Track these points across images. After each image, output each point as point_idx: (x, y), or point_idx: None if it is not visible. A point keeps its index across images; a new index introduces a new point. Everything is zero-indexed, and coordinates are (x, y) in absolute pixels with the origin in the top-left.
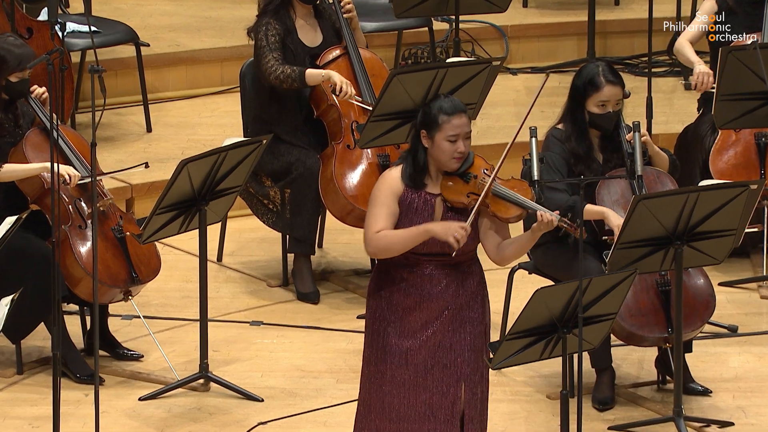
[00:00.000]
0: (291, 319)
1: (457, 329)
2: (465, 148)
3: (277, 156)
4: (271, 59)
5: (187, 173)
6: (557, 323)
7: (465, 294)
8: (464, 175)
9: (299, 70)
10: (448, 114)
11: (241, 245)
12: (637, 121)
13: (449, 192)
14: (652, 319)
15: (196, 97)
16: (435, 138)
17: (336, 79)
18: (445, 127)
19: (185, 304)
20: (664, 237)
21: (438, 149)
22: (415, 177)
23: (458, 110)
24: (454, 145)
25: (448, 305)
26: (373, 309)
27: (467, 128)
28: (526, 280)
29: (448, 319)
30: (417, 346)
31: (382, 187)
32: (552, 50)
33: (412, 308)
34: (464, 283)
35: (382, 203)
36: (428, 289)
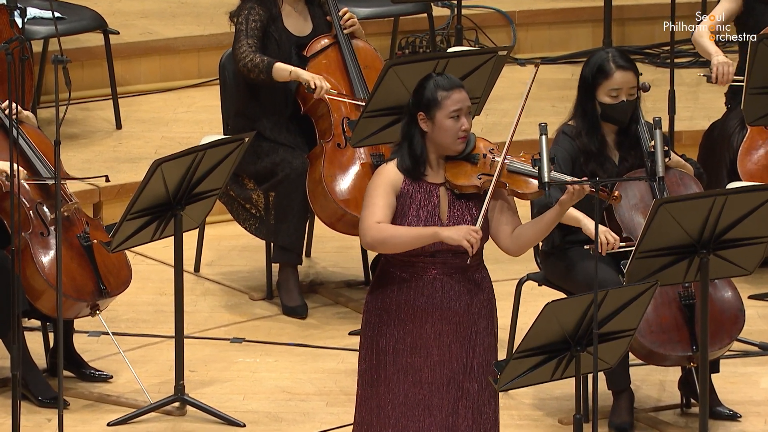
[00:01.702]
0: (276, 336)
1: (466, 344)
2: (469, 124)
3: (261, 156)
4: (244, 45)
5: (160, 175)
6: (570, 340)
7: (476, 304)
8: (470, 157)
9: (268, 62)
10: (446, 89)
11: (220, 254)
12: (659, 117)
13: (458, 177)
14: (675, 336)
15: (170, 90)
16: (436, 117)
17: (305, 76)
18: (445, 103)
19: (159, 319)
20: (688, 245)
21: (440, 130)
22: (414, 168)
23: (456, 84)
24: (458, 121)
25: (457, 316)
26: (371, 322)
27: (468, 102)
28: (535, 292)
29: (457, 333)
30: (421, 363)
31: (378, 180)
32: (564, 39)
33: (417, 320)
34: (475, 291)
35: (379, 195)
36: (435, 298)
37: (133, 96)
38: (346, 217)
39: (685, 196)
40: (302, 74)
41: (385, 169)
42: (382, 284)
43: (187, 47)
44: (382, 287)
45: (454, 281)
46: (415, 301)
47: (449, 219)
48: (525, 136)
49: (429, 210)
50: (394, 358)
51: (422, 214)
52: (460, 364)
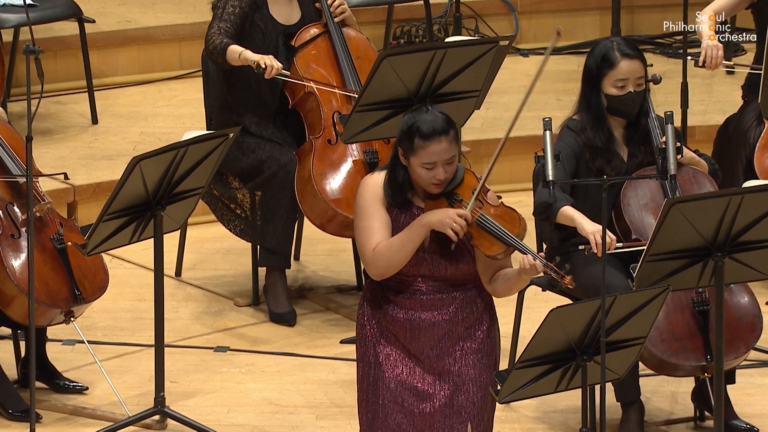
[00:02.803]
0: (262, 345)
1: (458, 361)
2: (446, 174)
3: (246, 152)
4: (214, 27)
5: (139, 172)
6: (576, 349)
7: (466, 321)
8: (451, 196)
9: (225, 44)
10: (425, 137)
11: (203, 257)
12: (670, 111)
13: None
14: (688, 345)
15: (150, 82)
16: (410, 161)
17: (253, 57)
18: (420, 153)
19: (138, 326)
20: (702, 247)
21: (414, 173)
22: (395, 196)
23: (437, 133)
24: (431, 172)
25: (445, 333)
26: (363, 336)
27: (447, 154)
28: (539, 298)
29: (446, 350)
30: (412, 381)
31: (366, 196)
32: (570, 27)
33: (405, 336)
34: (465, 309)
35: (371, 215)
36: (423, 314)
37: (110, 89)
38: (337, 218)
39: (699, 195)
40: (250, 55)
41: (371, 182)
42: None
43: (168, 37)
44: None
45: (441, 298)
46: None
47: (432, 245)
48: (528, 132)
49: None
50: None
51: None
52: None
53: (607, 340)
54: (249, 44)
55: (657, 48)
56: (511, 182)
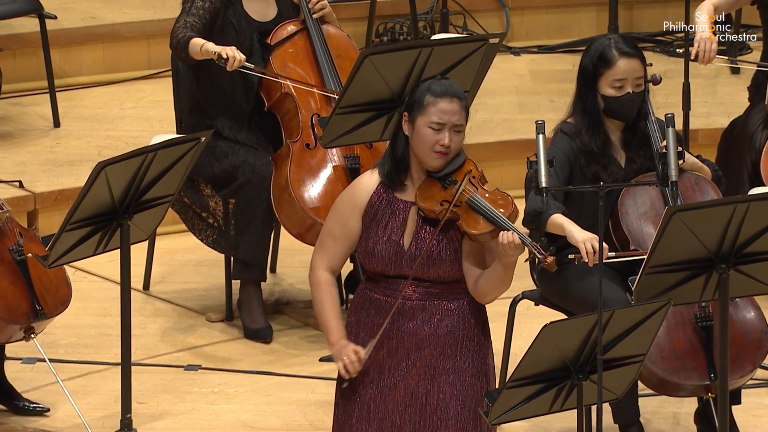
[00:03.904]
0: (236, 363)
1: (435, 379)
2: (450, 142)
3: (219, 157)
4: (180, 21)
5: (105, 179)
6: (571, 367)
7: (448, 335)
8: (445, 179)
9: (187, 38)
10: (435, 95)
11: (173, 270)
12: (671, 113)
13: (423, 197)
14: (690, 363)
15: (116, 83)
16: (416, 122)
17: (214, 48)
18: (429, 109)
19: (103, 343)
20: (706, 259)
21: (418, 137)
22: (393, 174)
23: (450, 94)
24: (436, 134)
25: (420, 345)
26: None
27: (457, 118)
28: (531, 312)
29: (421, 365)
30: (380, 397)
31: (346, 196)
32: (564, 25)
33: (378, 345)
34: (453, 321)
35: (337, 220)
36: (398, 322)
37: (73, 89)
38: (316, 228)
39: (702, 203)
40: (211, 46)
41: (357, 183)
42: (356, 300)
43: (136, 34)
44: (354, 306)
45: (422, 306)
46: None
47: (412, 244)
48: (520, 135)
49: (393, 231)
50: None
51: (386, 234)
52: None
53: (604, 357)
54: (222, 42)
55: (657, 46)
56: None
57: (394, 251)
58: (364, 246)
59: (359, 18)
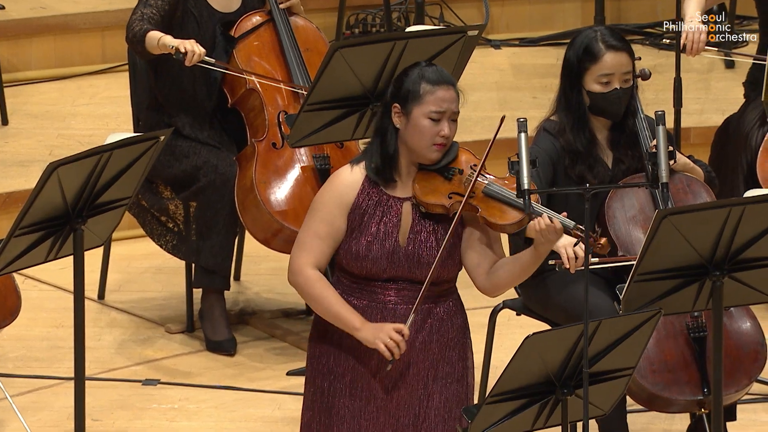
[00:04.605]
0: (198, 377)
1: (427, 388)
2: (450, 132)
3: (179, 158)
4: (137, 13)
5: (57, 180)
6: (555, 381)
7: (441, 341)
8: (446, 170)
9: (144, 31)
10: (432, 83)
11: (130, 277)
12: (662, 110)
13: (425, 192)
14: (682, 377)
15: (68, 78)
16: (412, 113)
17: (172, 42)
18: (427, 99)
19: (55, 356)
20: (698, 266)
21: (414, 129)
22: (384, 170)
23: (446, 80)
24: (436, 125)
25: (416, 355)
26: (315, 357)
27: (455, 106)
28: (513, 323)
29: (415, 375)
30: (373, 410)
31: (328, 194)
32: (547, 16)
33: (367, 356)
34: (441, 325)
35: (321, 218)
36: None
37: (22, 85)
38: (284, 232)
39: (694, 206)
40: (169, 40)
41: (338, 178)
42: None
43: (89, 25)
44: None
45: (423, 312)
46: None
47: (409, 242)
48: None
49: (386, 229)
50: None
51: (377, 234)
52: (409, 415)
53: (591, 370)
54: (182, 35)
55: (646, 39)
56: None
57: (389, 252)
58: (352, 248)
59: (329, 9)
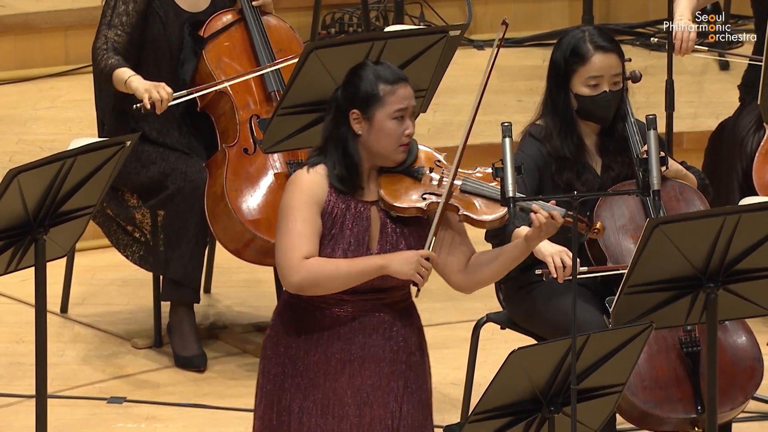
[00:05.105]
0: (166, 394)
1: (391, 401)
2: (413, 129)
3: (146, 164)
4: (101, 39)
5: (17, 188)
6: (542, 398)
7: (405, 349)
8: (412, 171)
9: (110, 67)
10: (389, 82)
11: (94, 290)
12: (653, 114)
13: (396, 195)
14: (675, 394)
15: (29, 80)
16: (375, 118)
17: (139, 89)
18: (389, 99)
19: (15, 373)
20: (691, 277)
21: (379, 133)
22: (351, 178)
23: (401, 77)
24: (401, 124)
25: (380, 366)
26: (270, 372)
27: (414, 102)
28: (497, 337)
29: (380, 388)
30: (335, 426)
31: (298, 195)
32: (533, 15)
33: (330, 371)
34: (403, 333)
35: (303, 219)
36: (354, 343)
37: None
38: (256, 242)
39: (687, 214)
40: (136, 84)
41: (303, 178)
42: (286, 324)
43: (51, 25)
44: (286, 328)
45: (377, 321)
46: (328, 347)
47: (380, 247)
48: (484, 139)
49: (359, 237)
50: (300, 419)
51: (348, 241)
52: (383, 427)
53: (579, 387)
54: (146, 36)
55: (637, 39)
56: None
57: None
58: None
59: (303, 8)
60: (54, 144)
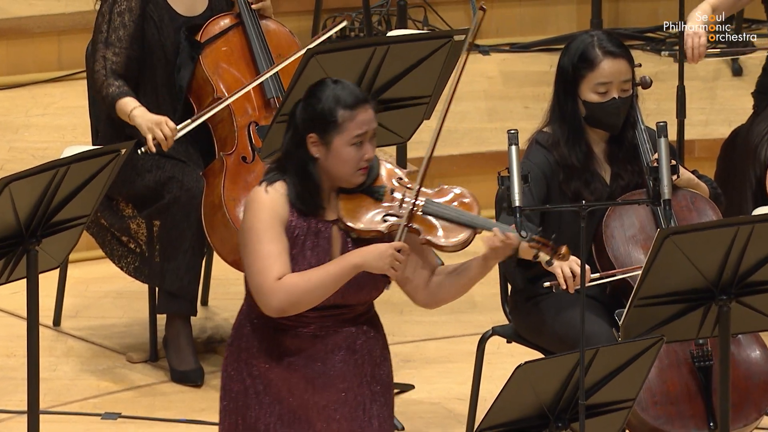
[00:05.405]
0: (162, 410)
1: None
2: (373, 152)
3: (141, 173)
4: (99, 61)
5: (9, 197)
6: (549, 414)
7: (370, 361)
8: (372, 190)
9: (113, 96)
10: (349, 107)
11: (88, 302)
12: (663, 121)
13: (356, 216)
14: (687, 410)
15: (21, 86)
16: (333, 143)
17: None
18: (348, 126)
19: (6, 388)
20: (704, 289)
21: (336, 159)
22: (312, 200)
23: (361, 100)
24: (360, 149)
25: (345, 382)
26: (233, 389)
27: (374, 125)
28: (503, 351)
29: (348, 403)
30: None
31: (262, 215)
32: (540, 19)
33: (294, 387)
34: (367, 346)
35: (272, 238)
36: (317, 358)
37: None
38: None
39: (699, 225)
40: (140, 120)
41: (262, 197)
42: (247, 341)
43: (45, 29)
44: (247, 345)
45: (341, 338)
46: (290, 365)
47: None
48: (489, 147)
49: (320, 257)
50: None
51: (314, 261)
52: None
53: (587, 403)
54: (141, 41)
55: (647, 44)
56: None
57: None
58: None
59: (304, 12)
60: (47, 152)
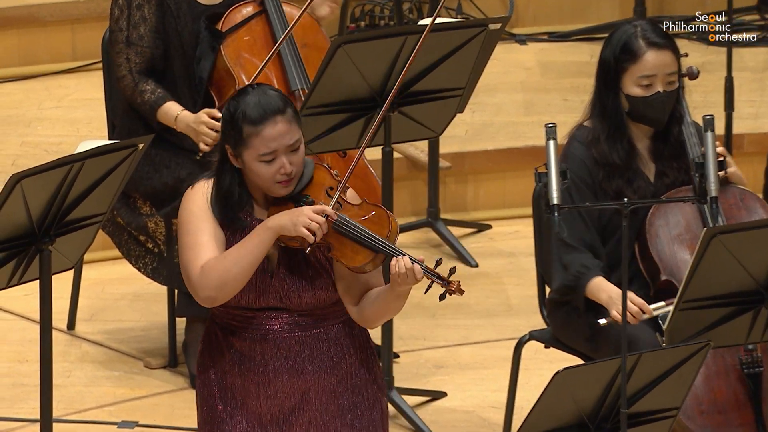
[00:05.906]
0: (181, 418)
1: (332, 422)
2: (292, 166)
3: (160, 168)
4: (123, 65)
5: (20, 194)
6: (589, 423)
7: (340, 368)
8: (299, 198)
9: (154, 101)
10: (254, 122)
11: (104, 305)
12: (710, 115)
13: None
14: (735, 419)
15: (34, 77)
16: (243, 157)
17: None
18: (252, 142)
19: (18, 395)
20: (753, 292)
21: (251, 172)
22: (225, 211)
23: (269, 113)
24: (271, 165)
25: (310, 387)
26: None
27: (288, 138)
28: (540, 356)
29: (315, 410)
30: None
31: (193, 207)
32: (581, 7)
33: (255, 394)
34: (337, 349)
35: (198, 229)
36: (277, 363)
37: None
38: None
39: (748, 224)
40: (187, 132)
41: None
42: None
43: (58, 18)
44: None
45: (302, 337)
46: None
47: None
48: (526, 142)
49: None
50: None
51: None
52: None
53: (629, 411)
54: (163, 34)
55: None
56: (504, 207)
57: (260, 279)
58: None
59: None
60: (60, 147)
